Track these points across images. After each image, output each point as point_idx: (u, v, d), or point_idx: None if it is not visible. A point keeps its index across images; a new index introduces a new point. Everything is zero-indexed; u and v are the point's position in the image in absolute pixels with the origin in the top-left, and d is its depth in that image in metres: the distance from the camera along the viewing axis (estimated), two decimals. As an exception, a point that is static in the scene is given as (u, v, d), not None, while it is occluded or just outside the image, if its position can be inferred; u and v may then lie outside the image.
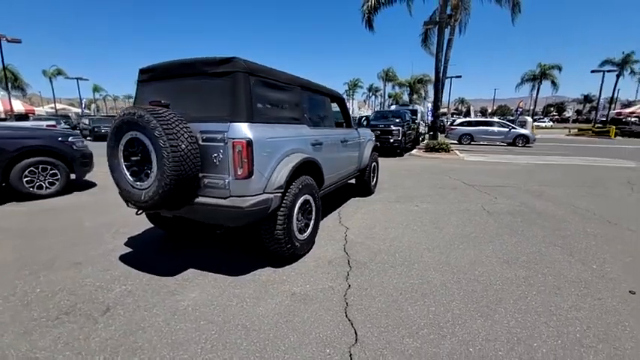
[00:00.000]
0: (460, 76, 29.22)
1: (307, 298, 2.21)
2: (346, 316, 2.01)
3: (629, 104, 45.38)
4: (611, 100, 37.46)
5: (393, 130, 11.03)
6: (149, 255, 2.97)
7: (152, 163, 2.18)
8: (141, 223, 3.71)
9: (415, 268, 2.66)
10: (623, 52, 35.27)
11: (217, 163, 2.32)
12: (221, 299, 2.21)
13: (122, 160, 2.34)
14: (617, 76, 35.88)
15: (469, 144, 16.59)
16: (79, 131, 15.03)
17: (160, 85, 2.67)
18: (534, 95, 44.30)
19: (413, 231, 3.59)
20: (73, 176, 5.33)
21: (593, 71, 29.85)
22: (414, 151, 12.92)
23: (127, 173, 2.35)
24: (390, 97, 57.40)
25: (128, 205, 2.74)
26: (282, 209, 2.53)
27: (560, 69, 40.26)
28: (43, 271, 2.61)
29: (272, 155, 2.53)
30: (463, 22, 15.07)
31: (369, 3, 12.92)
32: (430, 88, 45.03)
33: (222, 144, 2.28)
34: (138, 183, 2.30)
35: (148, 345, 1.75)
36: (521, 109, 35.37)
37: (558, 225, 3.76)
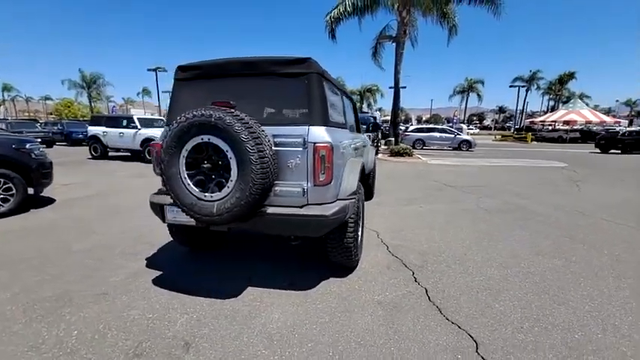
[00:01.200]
0: (405, 87, 31.63)
1: (398, 306, 2.16)
2: (448, 319, 2.01)
3: (532, 115, 53.56)
4: (522, 111, 44.13)
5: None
6: (187, 276, 2.60)
7: (231, 170, 1.93)
8: (143, 242, 3.25)
9: (470, 267, 2.78)
10: (531, 70, 41.94)
11: (292, 169, 2.15)
12: (310, 317, 2.03)
13: (184, 168, 2.03)
14: (526, 91, 42.50)
15: (422, 148, 17.95)
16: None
17: (209, 84, 2.39)
18: (463, 106, 50.02)
19: (439, 231, 3.75)
20: (30, 190, 4.40)
21: (511, 86, 35.03)
22: (379, 156, 13.51)
23: (191, 183, 2.03)
24: (337, 104, 59.36)
25: (165, 221, 2.38)
26: (352, 216, 2.44)
27: (483, 83, 46.25)
28: (64, 308, 2.11)
29: (343, 160, 2.44)
30: (413, 36, 16.34)
31: (332, 14, 13.33)
32: (378, 97, 47.58)
33: (300, 149, 2.12)
34: (207, 194, 2.00)
35: (270, 379, 1.53)
36: (456, 118, 39.64)
37: (549, 219, 4.29)
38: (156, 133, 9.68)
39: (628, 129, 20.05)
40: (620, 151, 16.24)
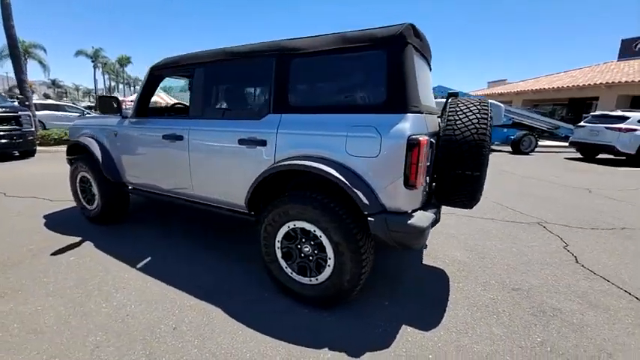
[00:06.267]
0: None
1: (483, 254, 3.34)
2: (547, 229, 3.40)
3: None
4: (95, 88, 41.82)
5: None
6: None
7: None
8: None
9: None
10: (93, 47, 39.65)
11: None
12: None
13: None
14: (94, 67, 40.28)
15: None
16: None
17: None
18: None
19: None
20: None
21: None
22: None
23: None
24: None
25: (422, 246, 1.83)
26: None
27: (45, 50, 34.87)
28: None
29: None
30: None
31: None
32: None
33: None
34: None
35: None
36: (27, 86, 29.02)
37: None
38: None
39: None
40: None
